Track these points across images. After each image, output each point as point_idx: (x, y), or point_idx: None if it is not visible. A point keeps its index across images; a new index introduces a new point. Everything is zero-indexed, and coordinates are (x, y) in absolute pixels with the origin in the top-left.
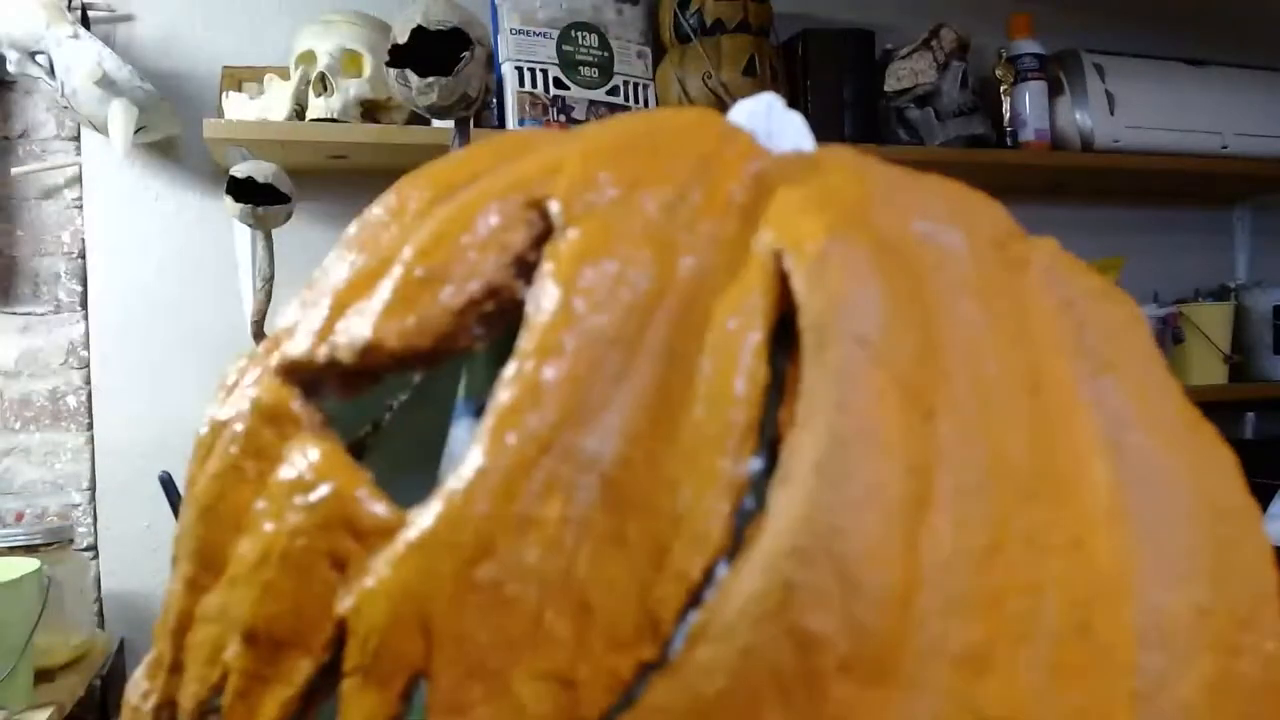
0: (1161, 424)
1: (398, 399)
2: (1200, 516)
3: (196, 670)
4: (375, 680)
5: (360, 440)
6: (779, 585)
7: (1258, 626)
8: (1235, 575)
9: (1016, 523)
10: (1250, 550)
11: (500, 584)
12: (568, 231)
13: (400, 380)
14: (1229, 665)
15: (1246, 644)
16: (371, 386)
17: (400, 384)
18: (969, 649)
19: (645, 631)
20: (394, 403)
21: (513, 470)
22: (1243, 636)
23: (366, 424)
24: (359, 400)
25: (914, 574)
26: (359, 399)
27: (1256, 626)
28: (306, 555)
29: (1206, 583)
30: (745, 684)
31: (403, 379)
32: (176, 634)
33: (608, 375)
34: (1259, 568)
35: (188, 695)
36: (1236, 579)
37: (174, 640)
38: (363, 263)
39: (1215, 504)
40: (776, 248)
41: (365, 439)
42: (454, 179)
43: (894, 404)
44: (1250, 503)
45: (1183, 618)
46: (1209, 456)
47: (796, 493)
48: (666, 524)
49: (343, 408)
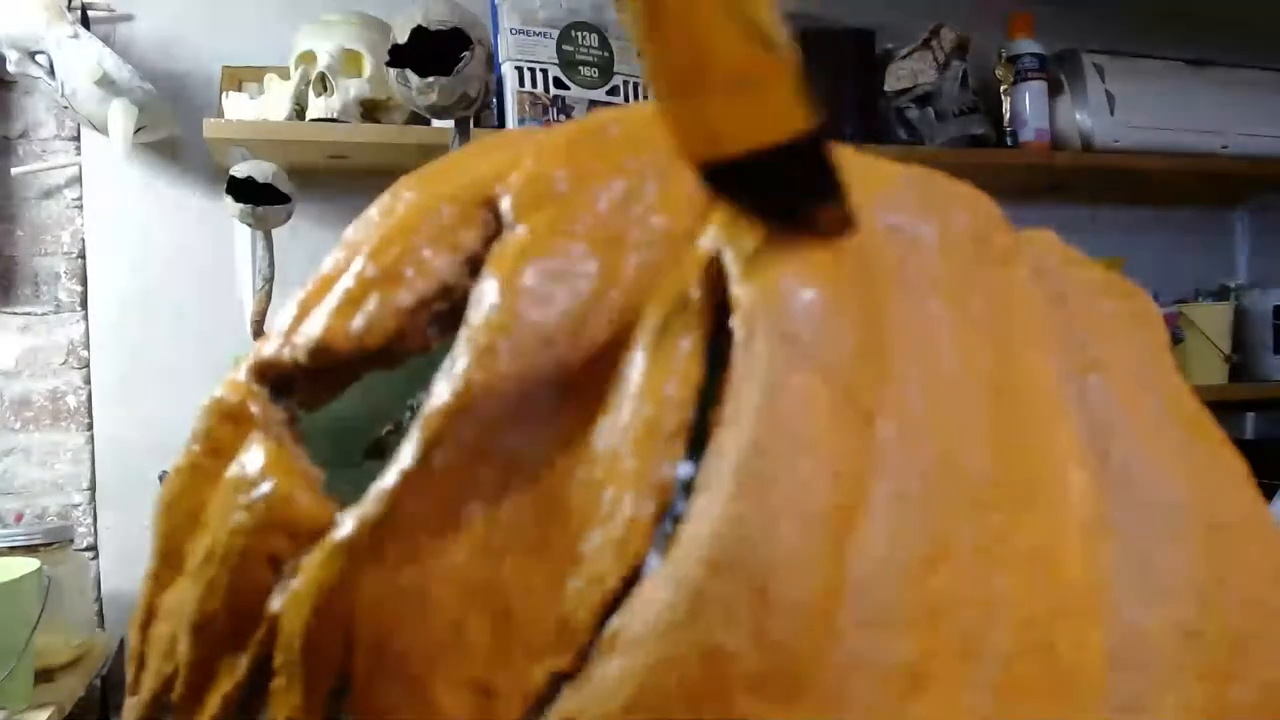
0: (1154, 427)
1: (419, 399)
2: (1193, 528)
3: (154, 664)
4: (300, 681)
5: (381, 439)
6: (688, 597)
7: (1256, 650)
8: (1231, 593)
9: (965, 532)
10: (1253, 565)
11: (423, 588)
12: (515, 228)
13: (421, 380)
14: (1218, 692)
15: (1239, 670)
16: (341, 388)
17: (421, 383)
18: (898, 665)
19: (560, 639)
20: (414, 403)
21: (440, 472)
22: (1236, 661)
23: (388, 424)
24: (385, 400)
25: (836, 585)
26: (385, 399)
27: (1254, 650)
28: (245, 554)
29: (1195, 601)
30: (653, 697)
31: (424, 379)
32: (142, 627)
33: (540, 377)
34: (1262, 584)
35: (145, 688)
36: (1233, 596)
37: (140, 634)
38: (337, 264)
39: (1212, 515)
40: (718, 244)
41: (387, 438)
42: (440, 179)
43: (825, 405)
44: (1259, 513)
45: (1164, 638)
46: (1210, 462)
47: (713, 499)
48: (589, 528)
49: (362, 408)
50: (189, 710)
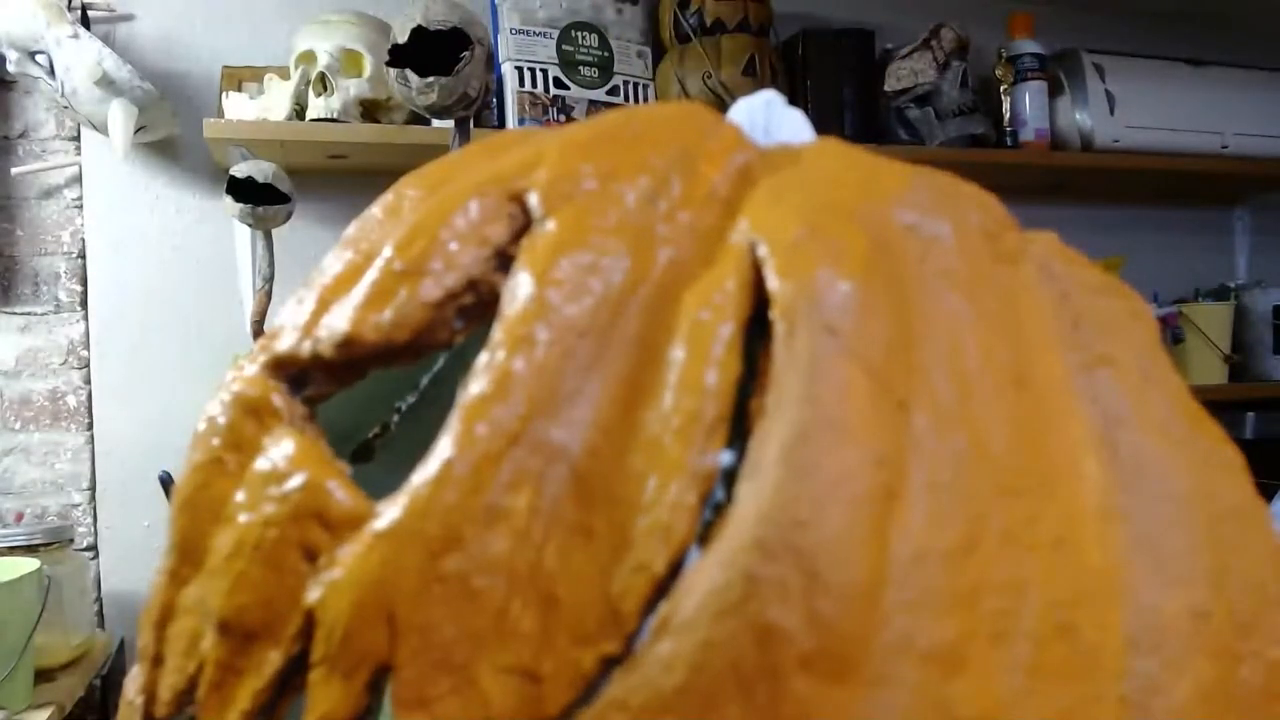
0: (1160, 420)
1: (406, 401)
2: (1199, 517)
3: (175, 662)
4: (340, 672)
5: (368, 442)
6: (740, 578)
7: (1260, 632)
8: (1236, 578)
9: (995, 518)
10: (1254, 552)
11: (467, 576)
12: (545, 223)
13: (408, 382)
14: (1228, 672)
15: (1247, 650)
16: (356, 380)
17: (408, 386)
18: (939, 647)
19: (609, 625)
20: (402, 405)
21: (481, 461)
22: (1243, 642)
23: (375, 426)
24: (366, 403)
25: (881, 568)
26: (367, 402)
27: (1259, 632)
28: (278, 546)
29: (1204, 585)
30: (705, 679)
31: (410, 381)
32: (158, 626)
33: (578, 366)
34: (1263, 570)
35: (165, 687)
36: (1237, 582)
37: (156, 632)
38: (351, 259)
39: (1216, 504)
40: (752, 238)
41: (373, 441)
42: (446, 176)
43: (864, 395)
44: (1256, 504)
45: (1178, 621)
46: (1211, 455)
47: (761, 484)
48: (633, 516)
49: (350, 410)
50: (217, 707)
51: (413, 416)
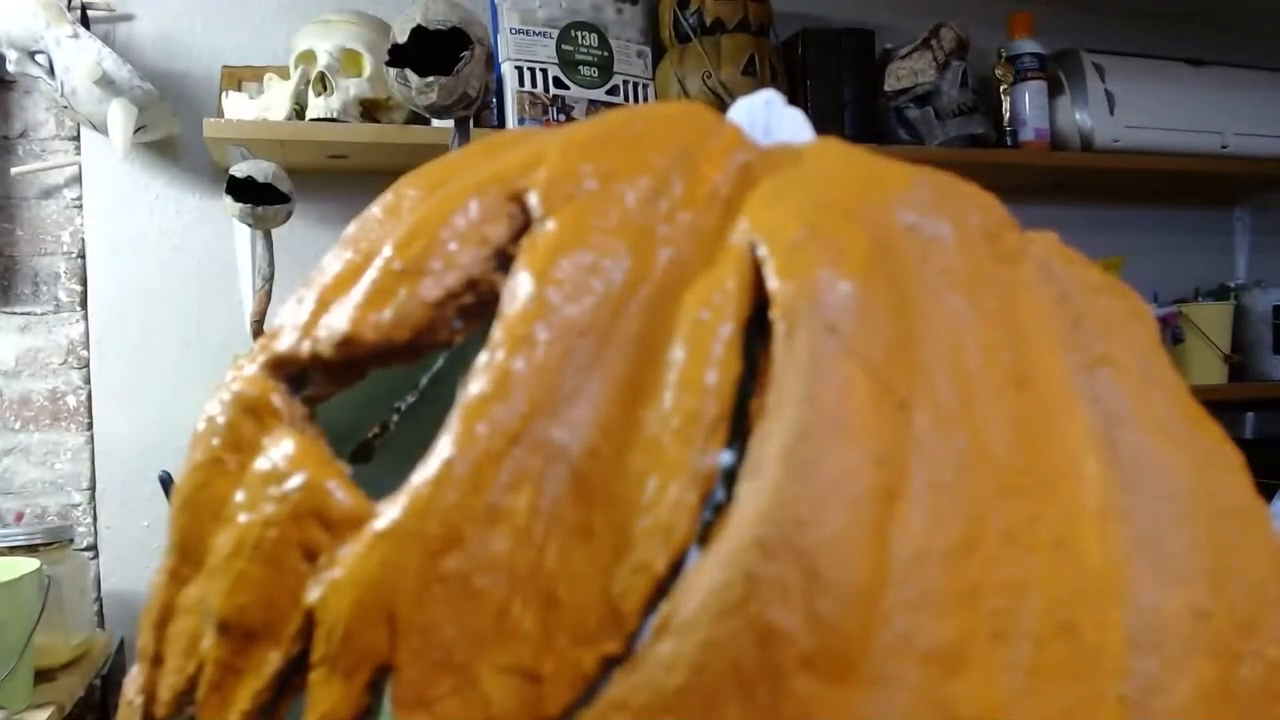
0: (1160, 420)
1: (405, 401)
2: (1199, 516)
3: (174, 662)
4: (341, 672)
5: (368, 442)
6: (741, 578)
7: (1260, 631)
8: (1236, 577)
9: (996, 518)
10: (1253, 552)
11: (467, 576)
12: (545, 223)
13: (407, 382)
14: (1228, 672)
15: (1248, 650)
16: (356, 380)
17: (408, 386)
18: (940, 646)
19: (609, 625)
20: (401, 405)
21: (481, 461)
22: (1244, 642)
23: (375, 426)
24: (366, 403)
25: (881, 568)
26: (366, 402)
27: (1259, 631)
28: (278, 546)
29: (1204, 585)
30: (705, 679)
31: (408, 381)
32: (158, 626)
33: (579, 366)
34: (1263, 570)
35: (165, 687)
36: (1237, 581)
37: (156, 632)
38: (350, 259)
39: (1216, 503)
40: (752, 237)
41: (373, 441)
42: (446, 176)
43: (864, 395)
44: (1256, 503)
45: (1178, 621)
46: (1211, 455)
47: (762, 484)
48: (634, 516)
49: (349, 411)
50: (216, 707)
51: (412, 416)
